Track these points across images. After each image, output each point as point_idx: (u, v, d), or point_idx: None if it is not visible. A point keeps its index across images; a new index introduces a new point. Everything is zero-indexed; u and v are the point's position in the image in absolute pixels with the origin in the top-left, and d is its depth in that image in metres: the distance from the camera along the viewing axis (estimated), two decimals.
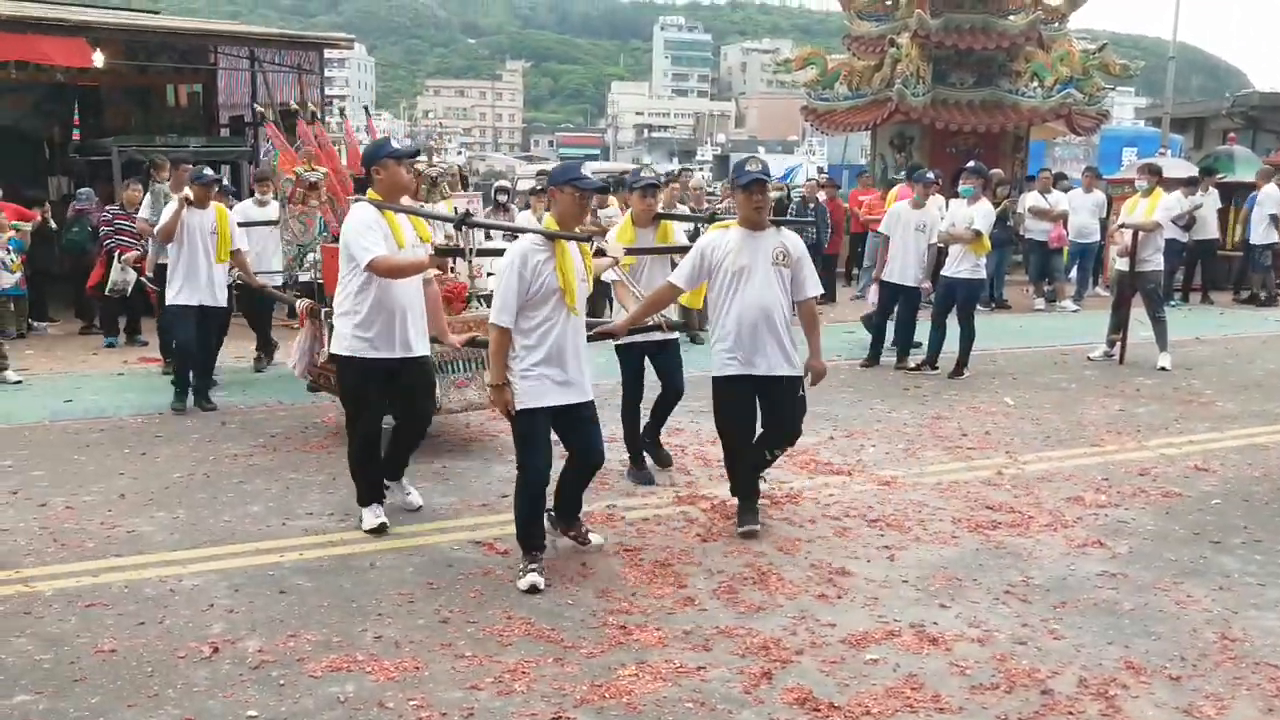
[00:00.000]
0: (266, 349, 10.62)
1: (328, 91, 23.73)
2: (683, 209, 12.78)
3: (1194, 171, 16.94)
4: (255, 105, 16.14)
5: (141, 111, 17.20)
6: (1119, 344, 10.86)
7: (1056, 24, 18.36)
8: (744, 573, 5.18)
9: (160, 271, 10.07)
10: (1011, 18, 17.68)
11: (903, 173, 13.30)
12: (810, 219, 11.38)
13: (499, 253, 5.99)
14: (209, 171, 9.05)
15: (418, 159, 7.00)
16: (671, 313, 6.50)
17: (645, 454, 6.91)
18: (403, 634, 4.47)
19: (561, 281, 4.88)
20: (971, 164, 10.54)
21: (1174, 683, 4.13)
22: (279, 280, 9.02)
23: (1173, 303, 15.13)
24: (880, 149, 19.35)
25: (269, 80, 15.98)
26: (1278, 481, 6.83)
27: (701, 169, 53.64)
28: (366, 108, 8.16)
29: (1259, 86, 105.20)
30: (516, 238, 5.38)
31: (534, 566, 4.99)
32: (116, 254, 11.00)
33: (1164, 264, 10.96)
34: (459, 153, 77.43)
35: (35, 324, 12.53)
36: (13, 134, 16.24)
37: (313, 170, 7.71)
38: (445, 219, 6.62)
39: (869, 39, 18.60)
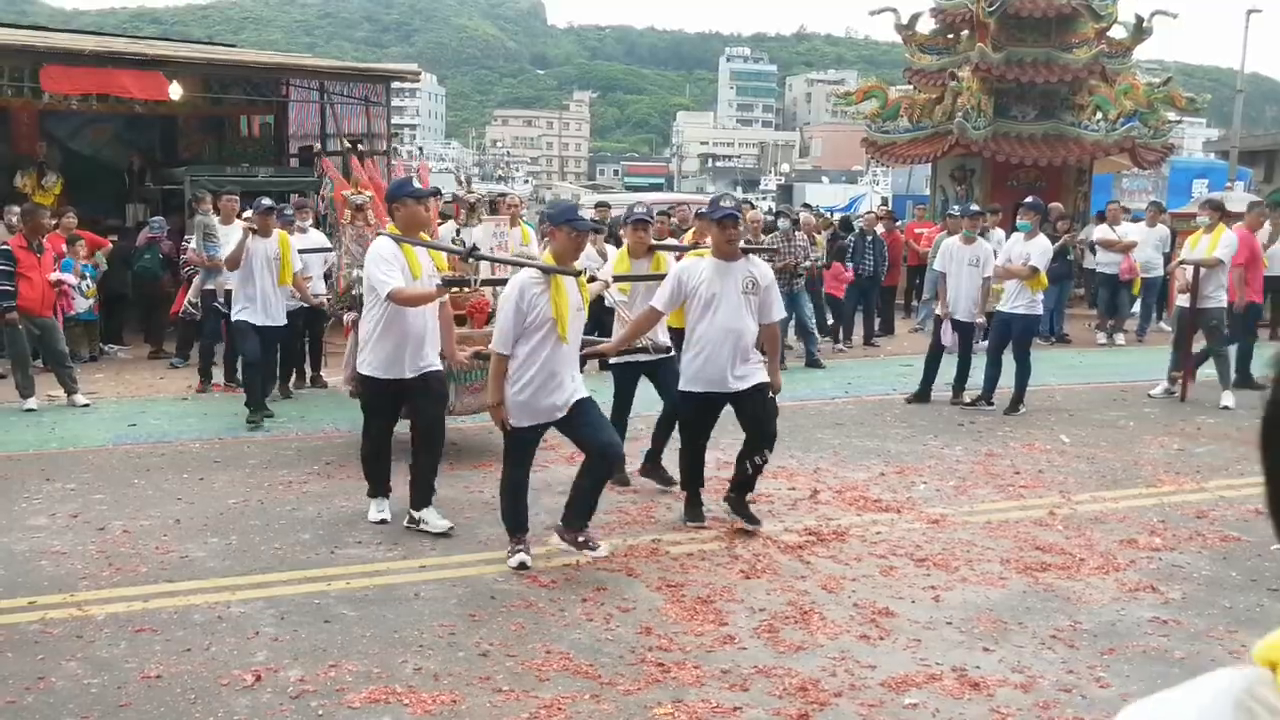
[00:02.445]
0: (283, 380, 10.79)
1: (397, 121, 24.07)
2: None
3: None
4: (328, 142, 16.57)
5: (215, 142, 17.65)
6: (1181, 381, 10.66)
7: (1120, 57, 18.13)
8: (786, 611, 5.15)
9: (206, 297, 10.67)
10: (1075, 51, 17.50)
11: (955, 207, 13.19)
12: (776, 248, 11.76)
13: (502, 282, 6.52)
14: (266, 201, 9.63)
15: (439, 195, 7.88)
16: (661, 335, 7.17)
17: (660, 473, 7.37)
18: (442, 666, 4.51)
19: (555, 312, 5.49)
20: (1029, 199, 10.42)
21: None
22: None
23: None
24: (941, 181, 19.24)
25: (337, 112, 16.34)
26: None
27: (765, 198, 53.65)
28: (420, 148, 8.97)
29: None
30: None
31: (520, 548, 5.76)
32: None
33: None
34: (525, 182, 78.26)
35: (105, 347, 12.87)
36: (93, 163, 16.73)
37: (359, 194, 8.13)
38: (452, 250, 7.26)
39: (930, 72, 18.52)
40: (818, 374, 12.17)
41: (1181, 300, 10.67)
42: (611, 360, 7.23)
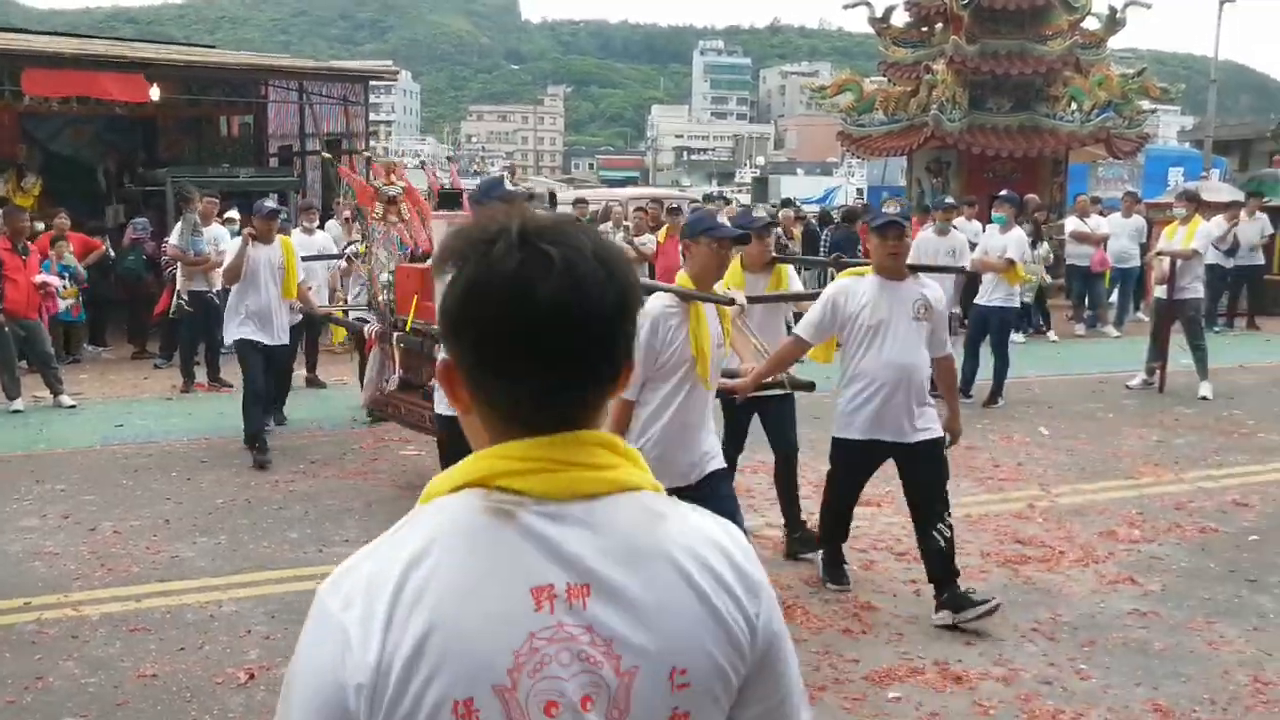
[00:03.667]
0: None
1: (373, 118, 24.15)
2: None
3: (1237, 195, 16.79)
4: (307, 141, 16.55)
5: (194, 142, 17.62)
6: (1159, 372, 10.79)
7: (1094, 48, 18.30)
8: None
9: (195, 297, 10.49)
10: (1049, 43, 17.65)
11: (928, 201, 13.35)
12: (959, 266, 10.71)
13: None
14: (270, 203, 8.73)
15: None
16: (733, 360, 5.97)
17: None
18: None
19: (695, 349, 4.30)
20: (1004, 193, 10.56)
21: None
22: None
23: (1216, 329, 15.01)
24: (916, 174, 19.37)
25: (316, 111, 16.34)
26: None
27: (739, 191, 53.75)
28: (369, 157, 8.16)
29: None
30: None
31: None
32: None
33: (1207, 290, 10.87)
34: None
35: (88, 347, 12.83)
36: (72, 165, 16.68)
37: (391, 184, 7.48)
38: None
39: (904, 65, 18.64)
40: (798, 368, 12.22)
41: (1159, 291, 10.81)
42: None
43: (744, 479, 6.78)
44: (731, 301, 4.60)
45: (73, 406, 9.84)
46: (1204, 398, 10.33)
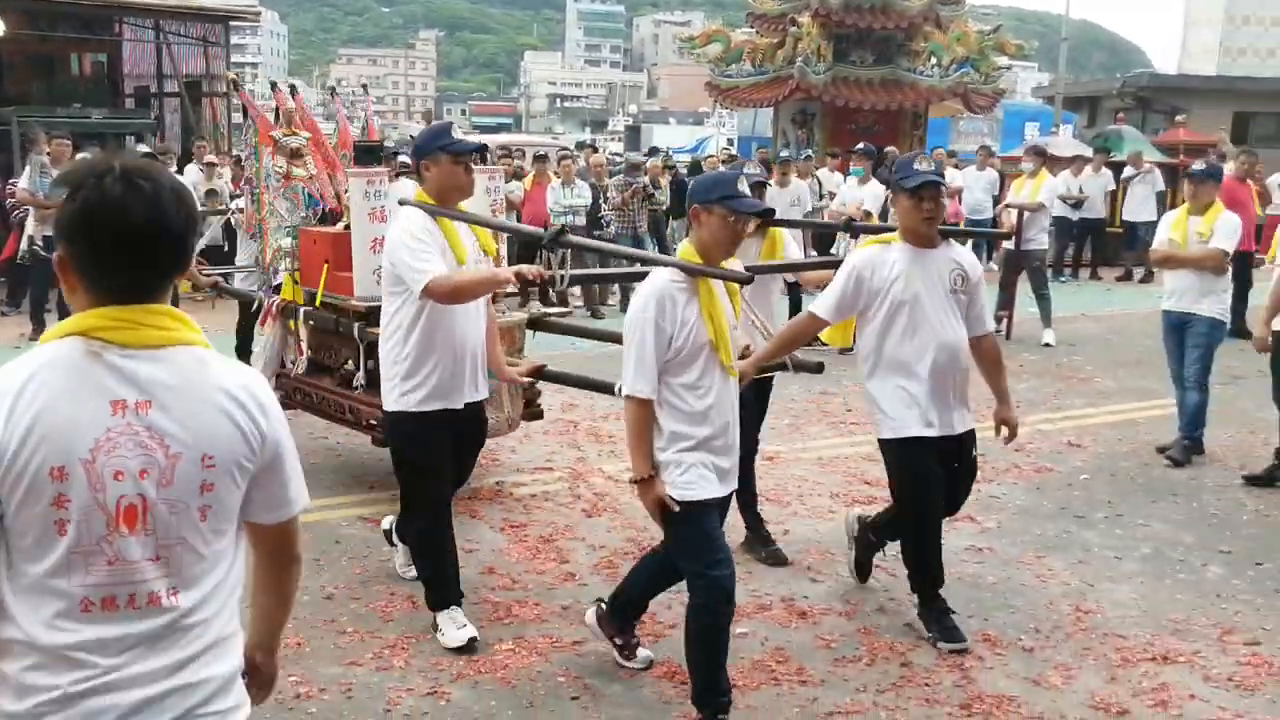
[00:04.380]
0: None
1: (238, 60, 23.24)
2: (582, 185, 12.86)
3: (1084, 151, 17.46)
4: (165, 83, 15.85)
5: (44, 81, 16.74)
6: (1006, 320, 11.22)
7: (954, 4, 18.72)
8: (625, 548, 5.32)
9: (48, 243, 10.00)
10: None
11: (783, 153, 13.64)
12: (1004, 232, 10.46)
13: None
14: (144, 147, 7.83)
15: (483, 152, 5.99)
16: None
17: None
18: None
19: (711, 330, 3.62)
20: (860, 145, 10.83)
21: (1027, 654, 4.37)
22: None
23: (1062, 279, 15.66)
24: (783, 125, 19.60)
25: (174, 52, 15.69)
26: (1144, 457, 7.15)
27: (612, 139, 53.63)
28: (274, 83, 7.16)
29: (1156, 63, 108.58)
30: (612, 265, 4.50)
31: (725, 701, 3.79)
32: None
33: (1054, 241, 11.31)
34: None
35: None
36: None
37: (293, 134, 6.38)
38: (527, 234, 5.88)
39: (771, 17, 18.77)
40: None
41: (1007, 243, 11.21)
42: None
43: (612, 426, 6.84)
44: (749, 279, 3.86)
45: None
46: (1047, 344, 10.80)
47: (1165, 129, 22.22)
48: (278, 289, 6.37)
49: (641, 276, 4.02)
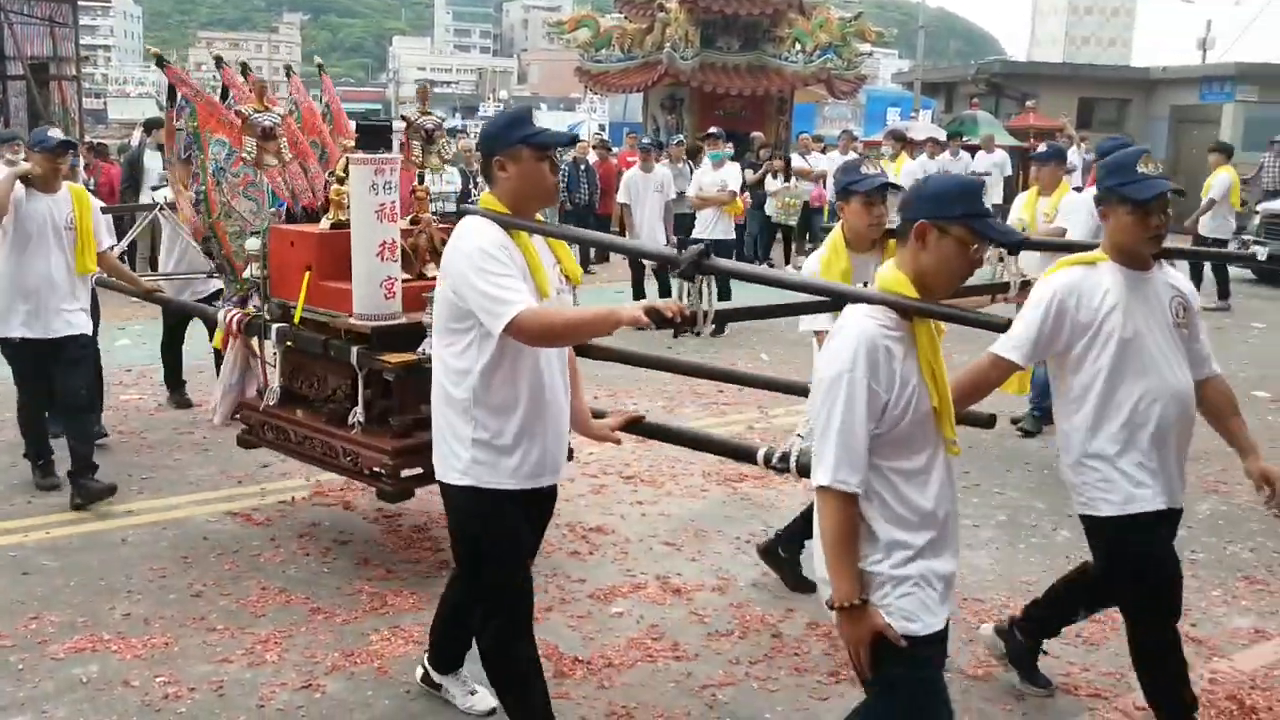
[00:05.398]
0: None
1: (89, 42, 22.24)
2: (452, 171, 12.77)
3: (938, 134, 18.05)
4: (7, 65, 15.00)
5: None
6: None
7: None
8: None
9: None
10: None
11: (644, 140, 13.86)
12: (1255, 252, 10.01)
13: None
14: (56, 132, 6.09)
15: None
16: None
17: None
18: (153, 610, 4.45)
19: (935, 393, 2.70)
20: (713, 130, 11.14)
21: None
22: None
23: None
24: (652, 111, 19.76)
25: (16, 32, 14.95)
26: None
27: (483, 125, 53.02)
28: (220, 58, 4.64)
29: (1009, 51, 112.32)
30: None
31: None
32: None
33: None
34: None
35: None
36: None
37: (264, 110, 5.09)
38: (657, 255, 4.26)
39: (639, 2, 18.89)
40: None
41: None
42: None
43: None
44: (1004, 325, 2.93)
45: None
46: None
47: (1017, 114, 23.11)
48: (243, 303, 5.27)
49: (805, 310, 3.39)
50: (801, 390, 4.15)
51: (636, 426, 3.84)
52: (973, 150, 17.65)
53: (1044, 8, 51.08)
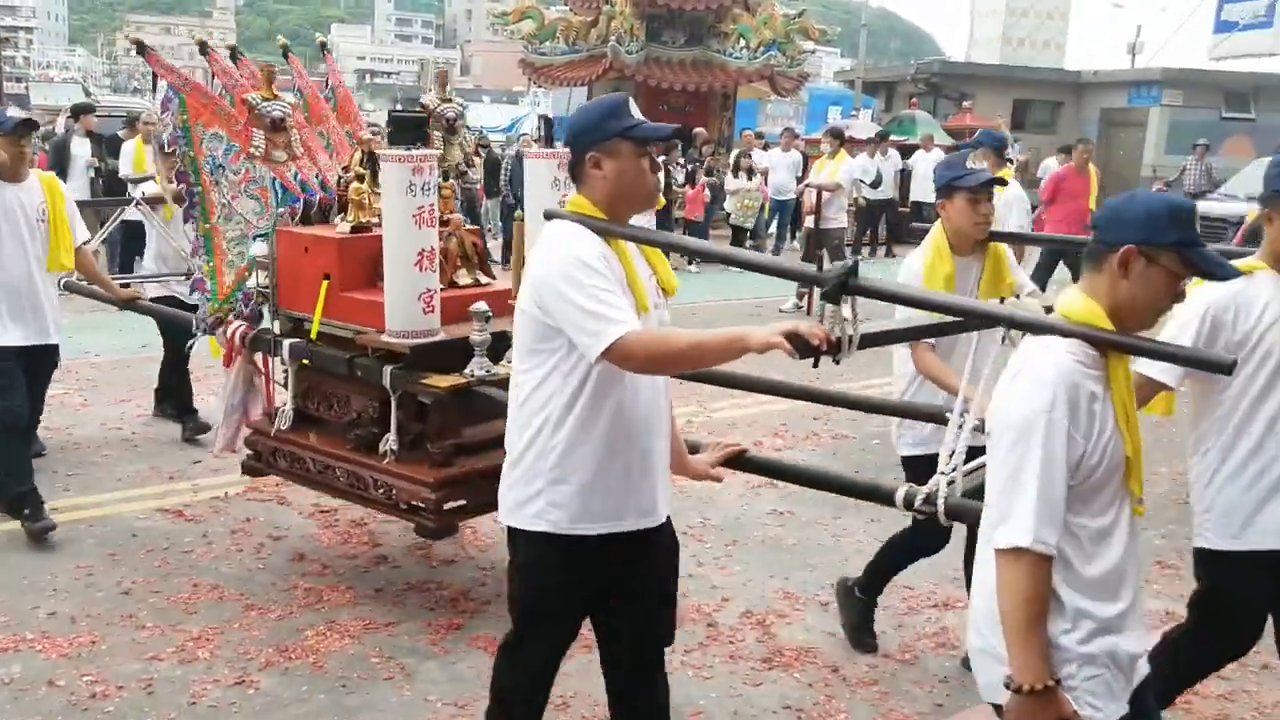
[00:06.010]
0: (186, 406, 6.85)
1: (10, 23, 21.70)
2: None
3: (870, 132, 18.30)
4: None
5: None
6: (807, 296, 11.65)
7: None
8: None
9: None
10: None
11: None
12: None
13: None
14: (16, 111, 5.65)
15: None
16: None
17: None
18: (80, 608, 4.37)
19: (1129, 442, 2.34)
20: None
21: (824, 609, 4.62)
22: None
23: (860, 256, 16.31)
24: None
25: None
26: None
27: None
28: (203, 44, 4.96)
29: (948, 51, 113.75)
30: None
31: None
32: None
33: (856, 220, 11.82)
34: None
35: None
36: None
37: (272, 99, 4.65)
38: (794, 274, 3.43)
39: None
40: None
41: (808, 221, 11.66)
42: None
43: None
44: (1229, 364, 2.36)
45: None
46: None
47: (954, 114, 23.43)
48: (253, 316, 4.67)
49: (949, 330, 3.15)
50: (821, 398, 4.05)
51: (741, 461, 3.30)
52: (910, 150, 17.92)
53: (982, 9, 51.83)
